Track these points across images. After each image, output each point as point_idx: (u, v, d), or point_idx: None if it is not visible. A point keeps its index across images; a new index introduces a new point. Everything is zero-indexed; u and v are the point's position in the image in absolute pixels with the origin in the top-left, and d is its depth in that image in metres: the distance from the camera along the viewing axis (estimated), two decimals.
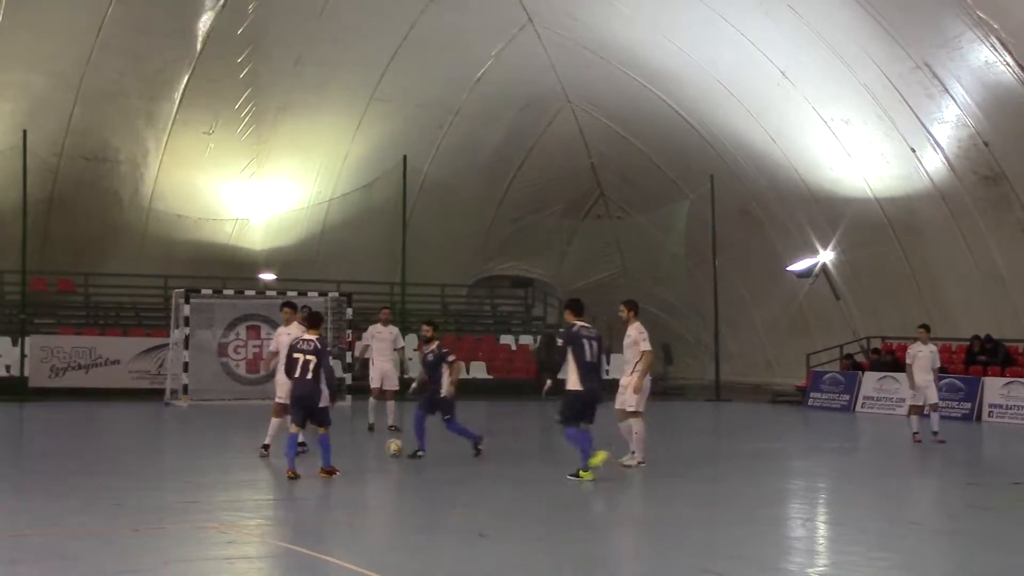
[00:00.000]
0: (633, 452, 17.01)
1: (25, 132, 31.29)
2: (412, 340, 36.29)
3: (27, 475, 16.78)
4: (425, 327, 18.99)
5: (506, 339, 38.40)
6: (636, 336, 16.91)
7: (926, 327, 22.76)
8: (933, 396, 21.96)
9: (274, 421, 17.59)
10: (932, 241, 32.83)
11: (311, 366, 15.54)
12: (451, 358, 18.25)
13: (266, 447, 17.63)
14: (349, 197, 38.45)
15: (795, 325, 37.82)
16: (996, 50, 27.45)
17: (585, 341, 15.77)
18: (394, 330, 22.73)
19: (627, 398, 16.85)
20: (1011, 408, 26.55)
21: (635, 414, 16.91)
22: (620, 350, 17.71)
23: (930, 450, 21.20)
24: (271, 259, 39.00)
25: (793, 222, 36.32)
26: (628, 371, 17.00)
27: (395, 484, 16.42)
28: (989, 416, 27.57)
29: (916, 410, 22.05)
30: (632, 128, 37.88)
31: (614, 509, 14.94)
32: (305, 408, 15.65)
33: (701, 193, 36.83)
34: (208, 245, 38.18)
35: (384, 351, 22.33)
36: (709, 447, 23.47)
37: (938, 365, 22.53)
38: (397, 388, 22.63)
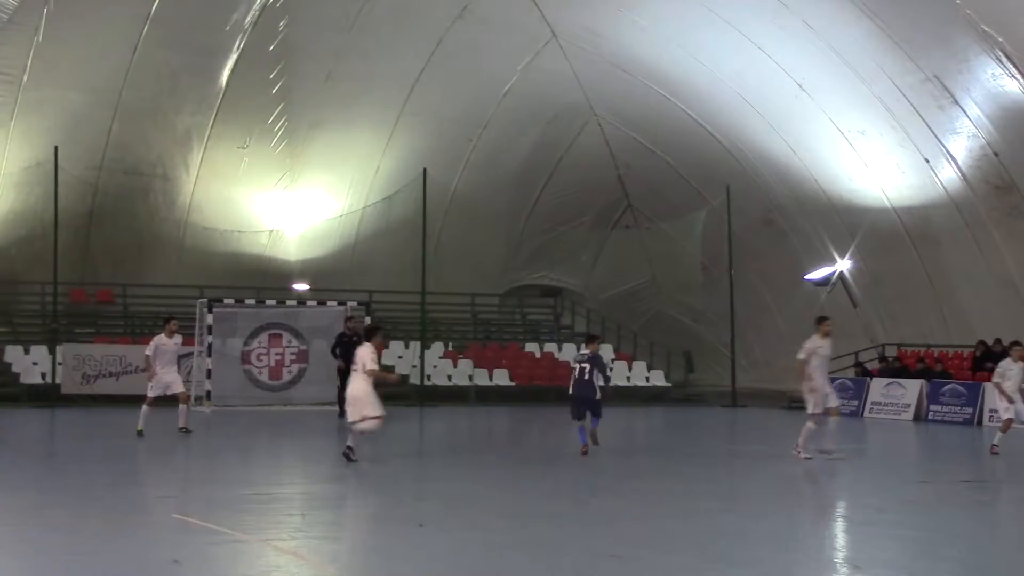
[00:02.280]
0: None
1: (56, 148, 32.40)
2: (438, 348, 37.53)
3: (50, 474, 17.70)
4: (591, 338, 21.54)
5: (531, 347, 39.13)
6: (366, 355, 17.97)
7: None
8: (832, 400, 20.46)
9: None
10: (947, 249, 33.24)
11: None
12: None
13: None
14: (379, 208, 39.38)
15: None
16: (1002, 62, 27.91)
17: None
18: None
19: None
20: None
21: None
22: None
23: (910, 453, 21.79)
24: (305, 269, 40.04)
25: (814, 231, 36.81)
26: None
27: (404, 482, 17.16)
28: (990, 420, 27.93)
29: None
30: (657, 140, 38.52)
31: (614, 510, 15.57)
32: None
33: (724, 203, 37.39)
34: (244, 256, 39.27)
35: None
36: (696, 448, 24.11)
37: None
38: None
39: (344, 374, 27.85)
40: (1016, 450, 21.69)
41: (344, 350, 27.90)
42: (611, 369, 25.81)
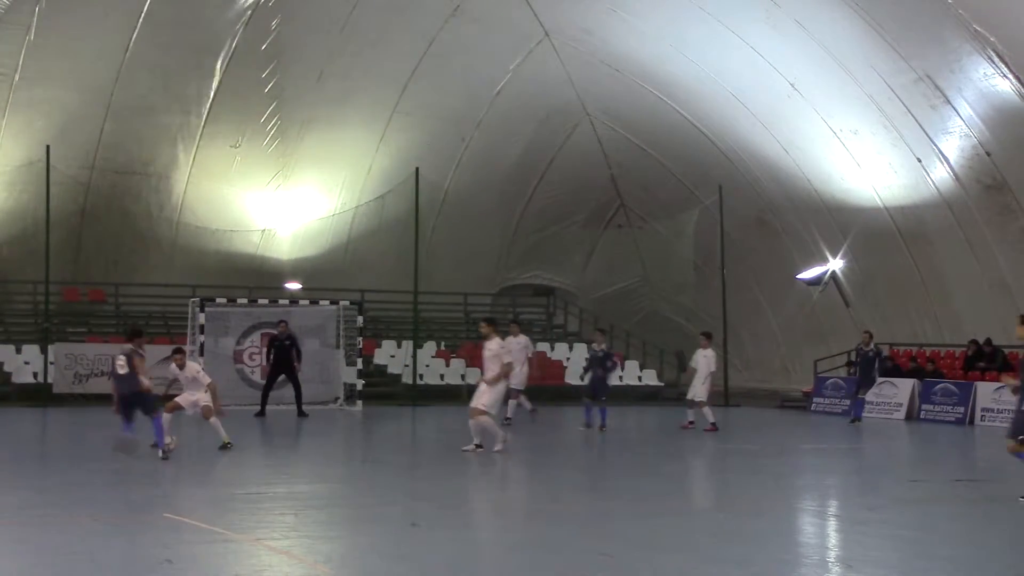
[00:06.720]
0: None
1: (48, 147, 32.30)
2: (431, 347, 37.49)
3: (41, 473, 17.70)
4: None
5: None
6: (497, 350, 19.82)
7: None
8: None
9: None
10: (939, 249, 33.35)
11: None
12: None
13: None
14: (371, 207, 39.41)
15: (811, 332, 38.31)
16: (994, 62, 27.99)
17: None
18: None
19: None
20: (1002, 412, 26.86)
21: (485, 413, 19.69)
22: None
23: (895, 450, 21.87)
24: (297, 269, 40.02)
25: (807, 231, 36.88)
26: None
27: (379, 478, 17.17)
28: (981, 420, 28.10)
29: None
30: (649, 139, 38.58)
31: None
32: None
33: (716, 202, 37.46)
34: (236, 255, 39.26)
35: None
36: (689, 447, 24.13)
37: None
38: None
39: (273, 375, 28.56)
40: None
41: (277, 354, 28.36)
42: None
